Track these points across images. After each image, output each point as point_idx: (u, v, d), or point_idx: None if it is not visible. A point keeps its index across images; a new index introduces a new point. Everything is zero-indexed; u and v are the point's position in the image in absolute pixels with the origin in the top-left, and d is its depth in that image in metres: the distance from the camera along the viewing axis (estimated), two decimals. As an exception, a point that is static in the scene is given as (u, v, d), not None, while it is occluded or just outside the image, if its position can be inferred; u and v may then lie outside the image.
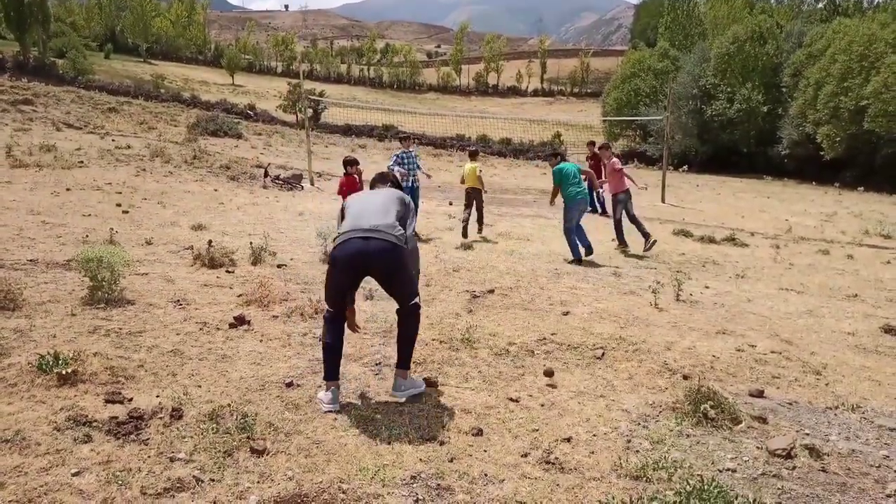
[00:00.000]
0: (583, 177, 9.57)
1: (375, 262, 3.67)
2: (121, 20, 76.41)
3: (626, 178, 10.22)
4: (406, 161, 10.73)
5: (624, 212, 10.15)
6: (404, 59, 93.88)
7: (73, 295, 5.25)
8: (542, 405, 3.92)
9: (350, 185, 9.43)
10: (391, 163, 10.76)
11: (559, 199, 9.41)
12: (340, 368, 3.83)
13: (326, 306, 3.86)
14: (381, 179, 4.37)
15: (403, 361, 3.89)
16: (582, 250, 9.07)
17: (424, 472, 3.02)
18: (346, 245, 3.69)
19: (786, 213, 19.04)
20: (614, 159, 10.46)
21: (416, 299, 3.84)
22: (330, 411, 3.60)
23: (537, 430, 3.56)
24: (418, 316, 3.87)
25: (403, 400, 3.84)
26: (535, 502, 2.85)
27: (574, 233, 9.08)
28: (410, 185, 10.53)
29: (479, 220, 11.16)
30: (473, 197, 10.86)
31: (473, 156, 11.53)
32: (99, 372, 3.76)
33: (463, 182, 11.09)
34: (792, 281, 8.90)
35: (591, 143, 15.41)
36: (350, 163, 9.71)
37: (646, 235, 10.03)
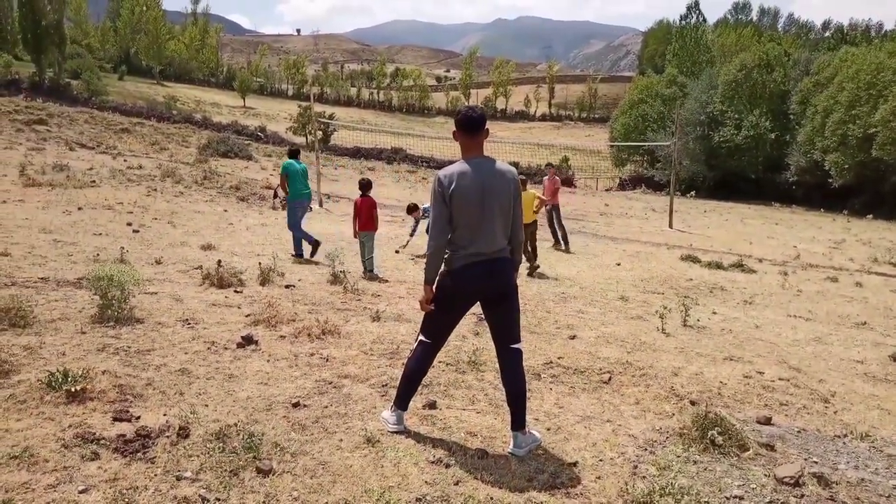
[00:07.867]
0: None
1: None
2: (135, 42, 77.70)
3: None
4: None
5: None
6: (414, 83, 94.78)
7: (83, 313, 5.29)
8: (549, 429, 3.90)
9: (369, 207, 9.04)
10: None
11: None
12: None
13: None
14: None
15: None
16: (308, 248, 9.49)
17: (430, 495, 3.01)
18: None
19: (794, 240, 19.01)
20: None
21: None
22: None
23: (543, 454, 3.54)
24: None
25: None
26: (540, 527, 2.84)
27: (298, 229, 9.52)
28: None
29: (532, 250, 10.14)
30: (530, 229, 10.11)
31: (523, 184, 10.12)
32: (107, 390, 3.77)
33: None
34: (800, 308, 8.86)
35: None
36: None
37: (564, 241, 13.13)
